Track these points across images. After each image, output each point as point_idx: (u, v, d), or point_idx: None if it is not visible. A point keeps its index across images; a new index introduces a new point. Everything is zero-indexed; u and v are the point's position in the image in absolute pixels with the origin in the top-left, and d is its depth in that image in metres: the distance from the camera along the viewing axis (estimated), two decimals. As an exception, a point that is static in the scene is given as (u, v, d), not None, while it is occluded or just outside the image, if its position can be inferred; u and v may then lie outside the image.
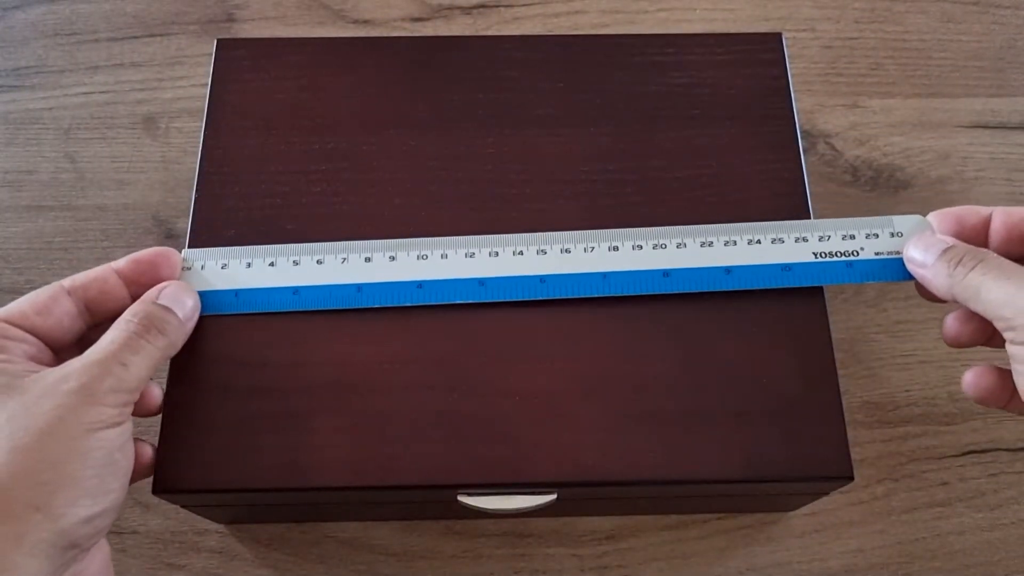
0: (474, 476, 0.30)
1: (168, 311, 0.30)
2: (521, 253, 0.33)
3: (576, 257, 0.33)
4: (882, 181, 0.47)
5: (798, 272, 0.33)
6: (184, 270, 0.33)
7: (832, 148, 0.48)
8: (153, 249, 0.31)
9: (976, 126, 0.48)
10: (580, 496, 0.34)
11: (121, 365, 0.27)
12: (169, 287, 0.31)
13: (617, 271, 0.33)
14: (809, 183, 0.35)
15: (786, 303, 0.33)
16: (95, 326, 0.31)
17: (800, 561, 0.39)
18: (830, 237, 0.33)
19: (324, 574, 0.38)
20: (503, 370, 0.32)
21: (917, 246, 0.31)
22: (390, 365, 0.32)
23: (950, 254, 0.29)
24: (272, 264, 0.33)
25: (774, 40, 0.38)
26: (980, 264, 0.28)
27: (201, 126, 0.36)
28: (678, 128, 0.36)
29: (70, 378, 0.26)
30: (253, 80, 0.37)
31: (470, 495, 0.31)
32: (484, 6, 0.52)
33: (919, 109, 0.49)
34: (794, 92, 0.37)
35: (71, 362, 0.27)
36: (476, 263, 0.33)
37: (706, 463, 0.31)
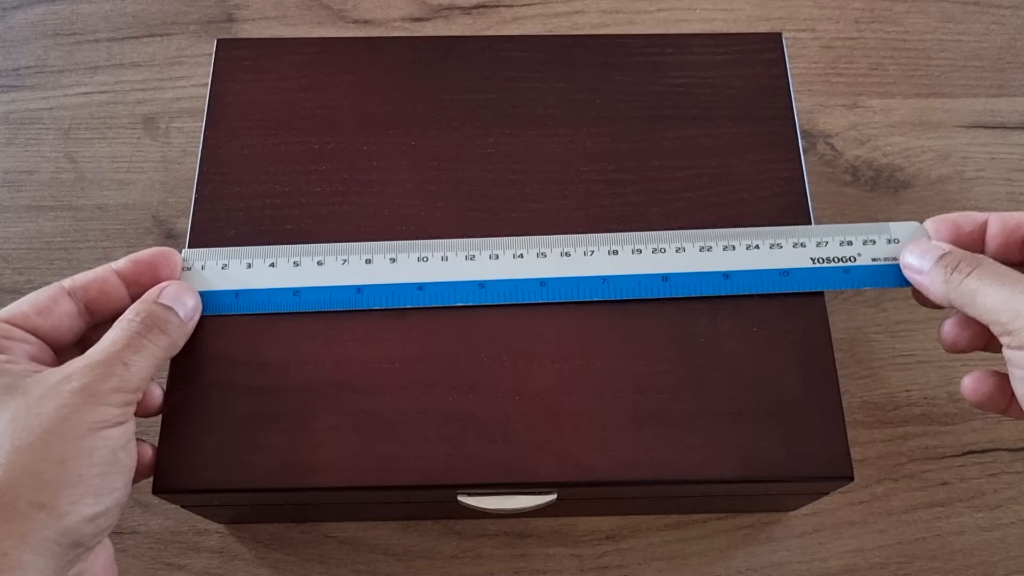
0: (474, 476, 0.30)
1: (169, 310, 0.30)
2: (521, 256, 0.33)
3: (576, 260, 0.33)
4: (882, 181, 0.47)
5: (796, 277, 0.33)
6: (184, 270, 0.33)
7: (832, 148, 0.48)
8: (152, 249, 0.31)
9: (976, 126, 0.48)
10: (580, 496, 0.34)
11: (123, 365, 0.27)
12: (170, 286, 0.31)
13: (616, 275, 0.33)
14: (809, 183, 0.35)
15: (786, 303, 0.33)
16: (95, 326, 0.31)
17: (800, 561, 0.39)
18: (827, 243, 0.33)
19: (324, 574, 0.38)
20: (503, 370, 0.32)
21: (913, 252, 0.31)
22: (390, 365, 0.32)
23: (946, 260, 0.29)
24: (272, 265, 0.33)
25: (774, 40, 0.38)
26: (976, 269, 0.28)
27: (201, 126, 0.36)
28: (678, 128, 0.36)
29: (73, 378, 0.26)
30: (253, 80, 0.37)
31: (470, 495, 0.31)
32: (484, 6, 0.52)
33: (919, 109, 0.49)
34: (794, 92, 0.37)
35: (73, 362, 0.27)
36: (476, 266, 0.33)
37: (706, 463, 0.31)
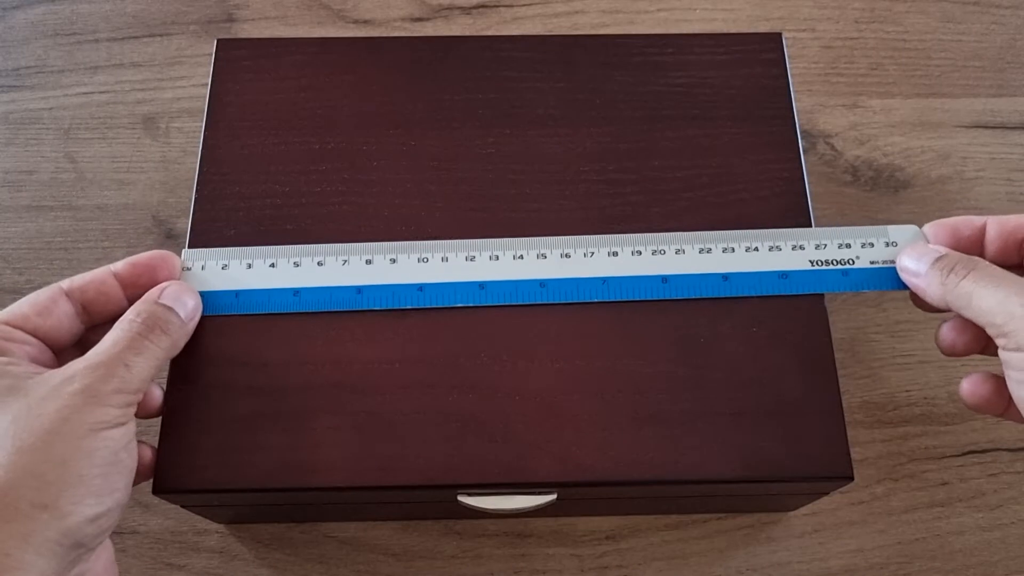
0: (474, 476, 0.30)
1: (170, 311, 0.30)
2: (521, 257, 0.33)
3: (576, 262, 0.33)
4: (882, 181, 0.47)
5: (795, 280, 0.33)
6: (185, 270, 0.33)
7: (832, 148, 0.48)
8: (151, 252, 0.31)
9: (976, 126, 0.48)
10: (580, 496, 0.34)
11: (124, 366, 0.27)
12: (171, 287, 0.31)
13: (616, 276, 0.33)
14: (809, 183, 0.35)
15: (786, 303, 0.33)
16: (94, 327, 0.31)
17: (800, 561, 0.39)
18: (826, 245, 0.33)
19: (324, 574, 0.38)
20: (503, 370, 0.32)
21: (910, 255, 0.31)
22: (390, 365, 0.32)
23: (943, 262, 0.30)
24: (273, 265, 0.33)
25: (774, 40, 0.38)
26: (972, 272, 0.28)
27: (201, 126, 0.36)
28: (678, 128, 0.36)
29: (74, 379, 0.26)
30: (253, 80, 0.37)
31: (470, 495, 0.31)
32: (484, 6, 0.52)
33: (919, 109, 0.49)
34: (794, 92, 0.37)
35: (74, 363, 0.27)
36: (476, 267, 0.33)
37: (706, 463, 0.31)
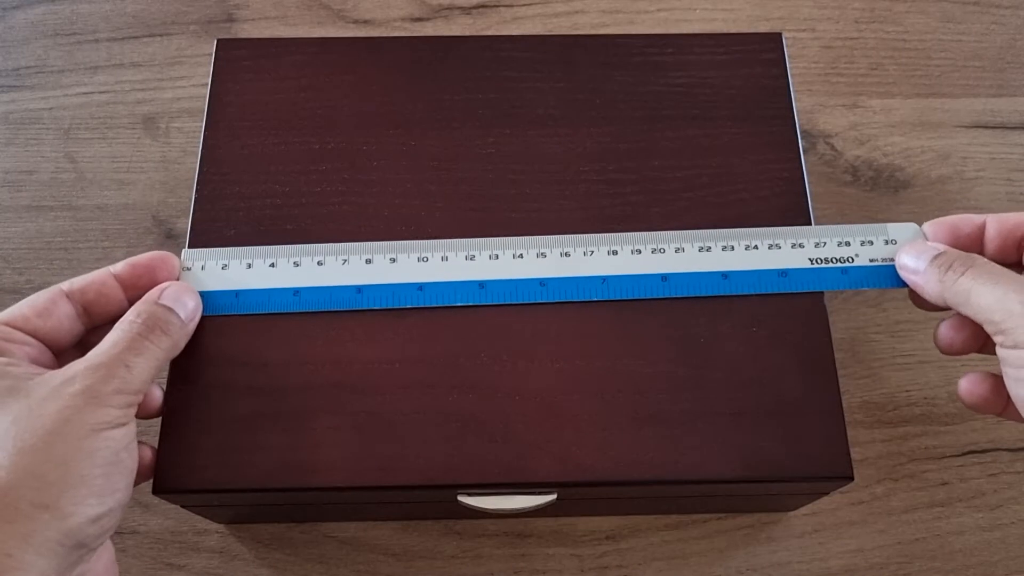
0: (474, 476, 0.30)
1: (170, 311, 0.30)
2: (521, 256, 0.33)
3: (576, 261, 0.33)
4: (882, 181, 0.47)
5: (794, 278, 0.33)
6: (184, 270, 0.33)
7: (832, 148, 0.48)
8: (150, 253, 0.31)
9: (976, 126, 0.48)
10: (580, 496, 0.34)
11: (125, 367, 0.27)
12: (171, 287, 0.31)
13: (616, 275, 0.33)
14: (809, 183, 0.35)
15: (786, 303, 0.33)
16: (94, 329, 0.31)
17: (800, 561, 0.39)
18: (825, 243, 0.33)
19: (324, 574, 0.38)
20: (503, 370, 0.32)
21: (909, 253, 0.31)
22: (390, 365, 0.32)
23: (940, 260, 0.30)
24: (273, 265, 0.33)
25: (774, 40, 0.38)
26: (970, 269, 0.28)
27: (201, 126, 0.36)
28: (678, 128, 0.36)
29: (75, 380, 0.26)
30: (253, 80, 0.37)
31: (470, 495, 0.31)
32: (484, 6, 0.52)
33: (919, 109, 0.49)
34: (794, 92, 0.37)
35: (75, 364, 0.27)
36: (476, 266, 0.33)
37: (706, 463, 0.31)
